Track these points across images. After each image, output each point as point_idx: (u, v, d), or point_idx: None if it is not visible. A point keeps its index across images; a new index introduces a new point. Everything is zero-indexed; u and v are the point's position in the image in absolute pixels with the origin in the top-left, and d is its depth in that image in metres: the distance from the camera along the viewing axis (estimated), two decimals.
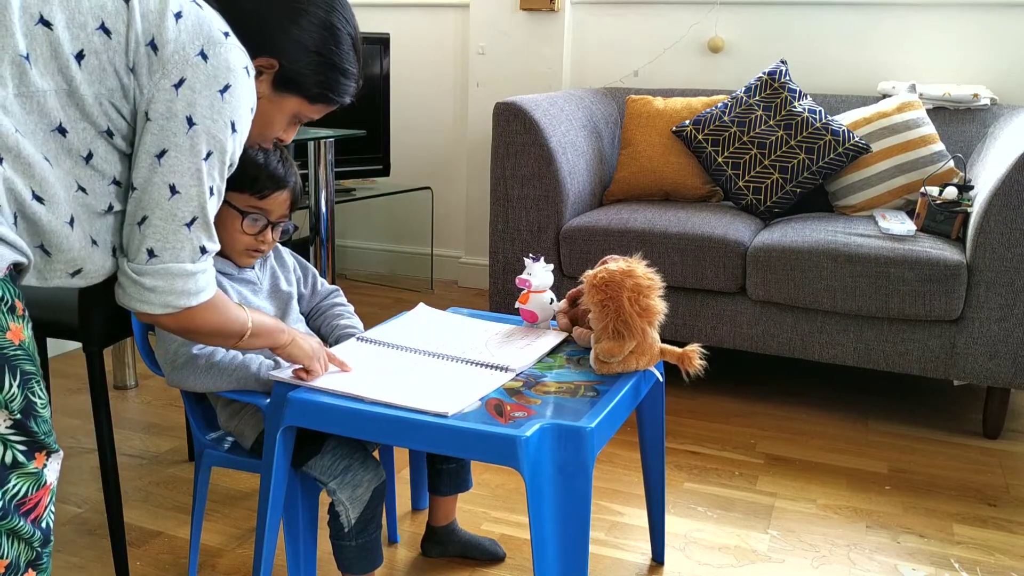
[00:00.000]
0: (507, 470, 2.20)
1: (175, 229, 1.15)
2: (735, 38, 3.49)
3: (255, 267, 1.66)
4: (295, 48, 1.27)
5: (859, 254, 2.48)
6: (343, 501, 1.52)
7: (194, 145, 1.14)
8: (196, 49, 1.13)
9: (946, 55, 3.23)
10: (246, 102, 1.19)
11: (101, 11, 1.10)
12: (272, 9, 1.27)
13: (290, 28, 1.27)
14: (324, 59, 1.30)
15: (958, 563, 1.90)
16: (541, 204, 2.86)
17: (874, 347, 2.53)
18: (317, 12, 1.28)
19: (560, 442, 1.33)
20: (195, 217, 1.17)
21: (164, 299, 1.17)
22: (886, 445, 2.46)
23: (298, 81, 1.30)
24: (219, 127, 1.15)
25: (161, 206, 1.14)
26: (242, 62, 1.19)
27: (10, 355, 1.03)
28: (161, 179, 1.14)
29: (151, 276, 1.16)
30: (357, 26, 1.36)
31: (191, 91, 1.13)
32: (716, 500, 2.15)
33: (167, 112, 1.13)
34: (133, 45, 1.11)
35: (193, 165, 1.15)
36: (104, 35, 1.09)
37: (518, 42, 3.73)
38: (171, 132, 1.13)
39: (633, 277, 1.52)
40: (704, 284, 2.66)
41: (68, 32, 1.08)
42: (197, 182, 1.15)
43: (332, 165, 2.79)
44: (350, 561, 1.56)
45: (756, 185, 2.94)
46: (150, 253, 1.15)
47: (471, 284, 4.02)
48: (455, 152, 4.04)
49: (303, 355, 1.44)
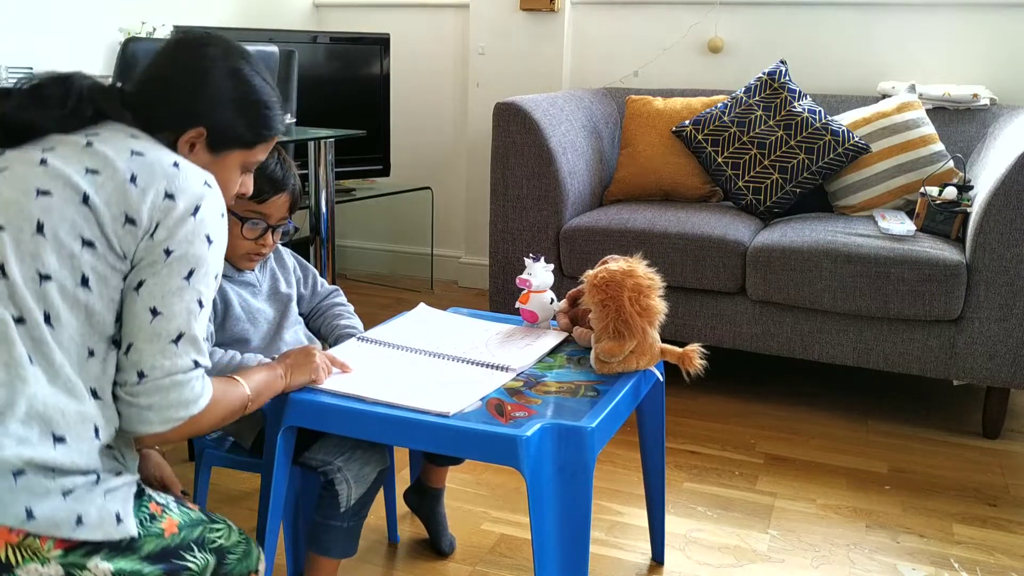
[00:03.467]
0: (507, 470, 2.20)
1: (161, 348, 1.15)
2: (735, 38, 3.49)
3: (255, 269, 1.66)
4: (212, 108, 1.27)
5: (859, 254, 2.48)
6: (348, 479, 1.52)
7: (172, 271, 1.16)
8: (162, 195, 1.16)
9: (946, 55, 3.23)
10: (216, 211, 1.21)
11: (75, 228, 1.12)
12: (175, 84, 1.27)
13: (199, 93, 1.27)
14: (243, 104, 1.30)
15: (958, 563, 1.90)
16: (541, 204, 2.86)
17: (874, 347, 2.53)
18: (216, 65, 1.28)
19: (560, 442, 1.33)
20: (181, 333, 1.16)
21: (163, 415, 1.16)
22: (886, 445, 2.46)
23: (230, 136, 1.30)
24: (195, 247, 1.17)
25: (144, 329, 1.14)
26: (200, 178, 1.20)
27: (178, 543, 1.17)
28: (142, 305, 1.15)
29: (145, 395, 1.15)
30: (255, 58, 1.36)
31: (165, 230, 1.15)
32: (716, 500, 2.15)
33: (145, 254, 1.15)
34: (115, 237, 1.13)
35: (173, 286, 1.16)
36: (90, 248, 1.12)
37: (518, 42, 3.73)
38: (148, 265, 1.15)
39: (633, 277, 1.52)
40: (704, 284, 2.66)
41: (65, 270, 1.11)
42: (179, 299, 1.16)
43: (332, 165, 2.79)
44: (332, 542, 1.56)
45: (756, 185, 2.94)
46: (140, 375, 1.14)
47: (471, 284, 4.02)
48: (455, 152, 4.04)
49: (305, 379, 1.45)
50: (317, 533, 1.56)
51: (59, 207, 1.11)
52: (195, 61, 1.28)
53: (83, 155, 1.16)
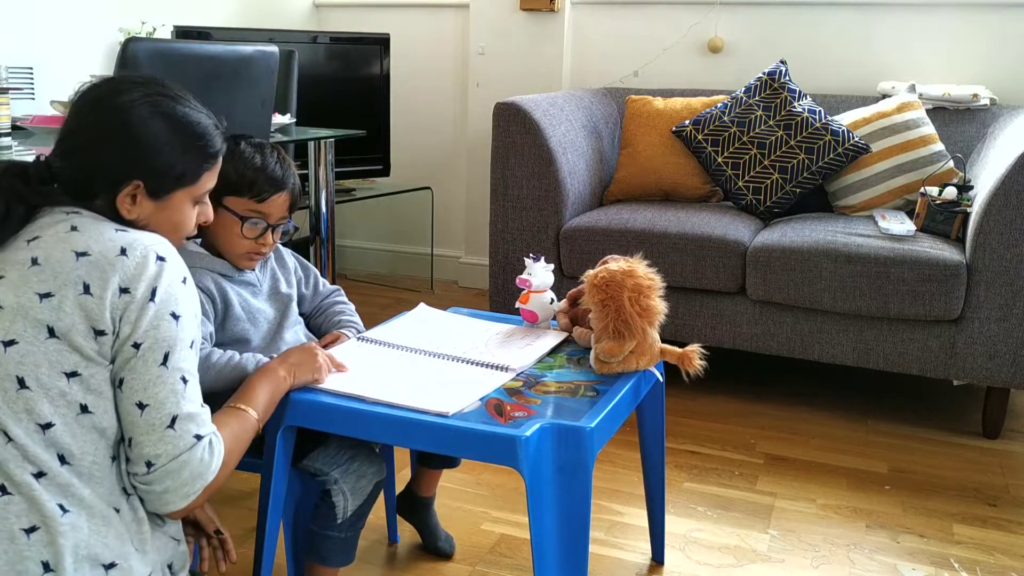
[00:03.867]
0: (507, 470, 2.20)
1: (159, 437, 1.14)
2: (735, 38, 3.49)
3: (255, 269, 1.66)
4: (143, 157, 1.21)
5: (859, 254, 2.48)
6: (344, 491, 1.52)
7: (146, 362, 1.14)
8: (117, 293, 1.12)
9: (946, 55, 3.23)
10: (174, 283, 1.17)
11: (53, 366, 1.11)
12: (102, 147, 1.21)
13: (129, 148, 1.20)
14: (175, 142, 1.23)
15: (958, 563, 1.90)
16: (541, 204, 2.86)
17: (874, 347, 2.53)
18: (136, 112, 1.21)
19: (560, 442, 1.33)
20: (174, 416, 1.15)
21: (181, 492, 1.17)
22: (886, 445, 2.46)
23: (168, 179, 1.24)
24: (162, 330, 1.15)
25: (137, 424, 1.14)
26: (151, 255, 1.16)
27: None
28: (128, 402, 1.14)
29: (158, 482, 1.15)
30: (169, 83, 1.28)
31: (128, 325, 1.13)
32: (716, 500, 2.15)
33: (117, 353, 1.14)
34: (92, 352, 1.12)
35: (151, 376, 1.14)
36: (76, 377, 1.12)
37: (518, 42, 3.73)
38: (123, 363, 1.14)
39: (633, 277, 1.52)
40: (704, 284, 2.66)
41: (62, 409, 1.11)
42: (162, 386, 1.15)
43: (332, 165, 2.79)
44: (330, 552, 1.56)
45: (756, 185, 2.94)
46: (148, 465, 1.15)
47: (471, 284, 4.02)
48: (455, 152, 4.04)
49: (309, 378, 1.45)
50: (314, 543, 1.57)
51: (30, 352, 1.10)
52: (115, 115, 1.21)
53: (31, 277, 1.12)
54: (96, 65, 3.08)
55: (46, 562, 1.07)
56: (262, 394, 1.37)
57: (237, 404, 1.33)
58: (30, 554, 1.07)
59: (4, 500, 1.08)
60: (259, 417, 1.34)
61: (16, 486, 1.09)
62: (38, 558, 1.07)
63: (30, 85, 2.84)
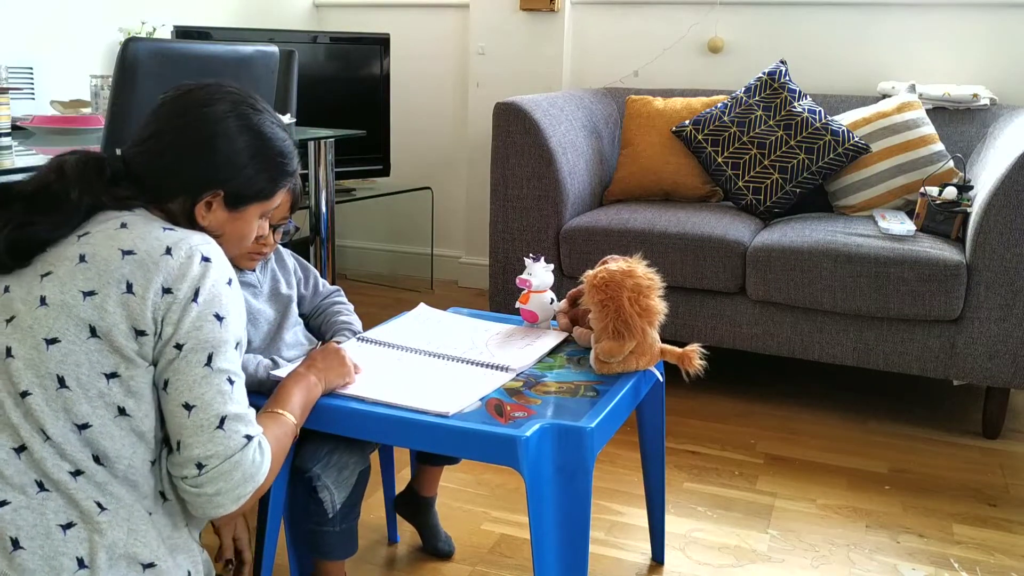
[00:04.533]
0: (507, 470, 2.20)
1: (208, 438, 1.13)
2: (735, 38, 3.49)
3: (256, 270, 1.66)
4: (229, 170, 1.24)
5: (859, 254, 2.48)
6: (328, 486, 1.52)
7: (189, 363, 1.13)
8: (160, 292, 1.13)
9: (946, 55, 3.23)
10: (219, 284, 1.17)
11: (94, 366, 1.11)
12: (186, 153, 1.23)
13: (214, 158, 1.23)
14: (259, 159, 1.27)
15: (958, 563, 1.90)
16: (541, 204, 2.86)
17: (874, 347, 2.53)
18: (227, 125, 1.24)
19: (560, 442, 1.33)
20: (223, 417, 1.14)
21: (233, 495, 1.15)
22: (886, 445, 2.46)
23: (248, 192, 1.27)
24: (205, 331, 1.14)
25: (185, 427, 1.13)
26: (196, 255, 1.16)
27: None
28: (175, 404, 1.13)
29: (210, 483, 1.14)
30: (258, 98, 1.31)
31: (170, 326, 1.13)
32: (716, 500, 2.15)
33: (160, 355, 1.14)
34: (132, 353, 1.12)
35: (196, 376, 1.14)
36: (115, 379, 1.12)
37: (518, 42, 3.73)
38: (166, 364, 1.13)
39: (633, 277, 1.52)
40: (704, 284, 2.66)
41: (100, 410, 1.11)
42: (208, 387, 1.14)
43: (332, 165, 2.79)
44: (331, 547, 1.56)
45: (756, 185, 2.94)
46: (199, 466, 1.13)
47: (471, 284, 4.02)
48: (455, 152, 4.04)
49: (340, 382, 1.44)
50: (314, 539, 1.57)
51: (71, 352, 1.10)
52: (204, 124, 1.23)
53: (77, 274, 1.13)
54: (96, 65, 3.08)
55: (80, 558, 1.07)
56: (296, 401, 1.35)
57: (275, 409, 1.32)
58: (65, 550, 1.07)
59: (41, 496, 1.08)
60: (296, 422, 1.33)
61: (54, 483, 1.09)
62: (73, 554, 1.07)
63: (30, 85, 2.84)
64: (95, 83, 2.59)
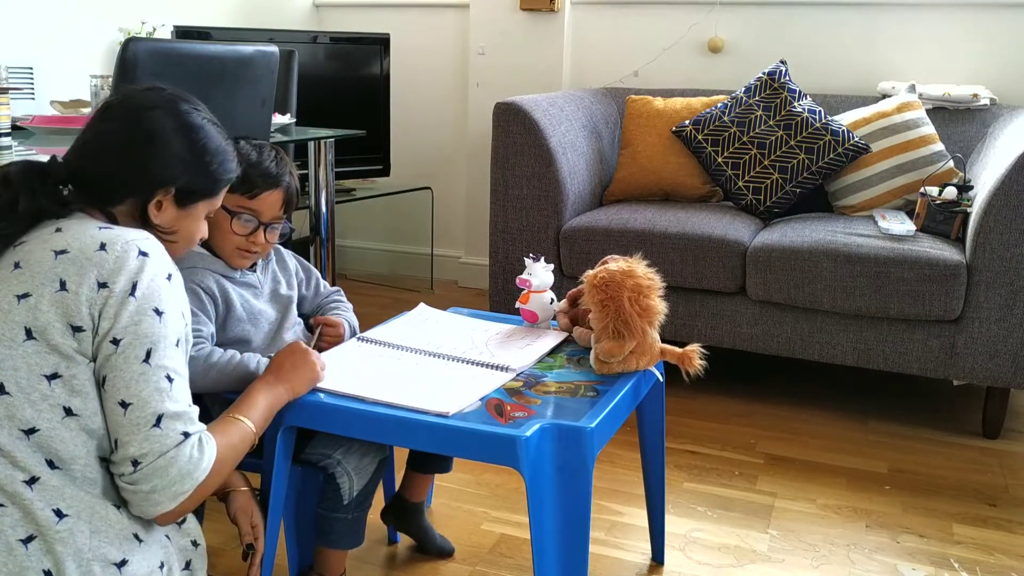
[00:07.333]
0: (507, 470, 2.20)
1: (144, 436, 1.12)
2: (735, 38, 3.49)
3: (256, 270, 1.66)
4: (172, 168, 1.25)
5: (859, 254, 2.48)
6: (348, 471, 1.52)
7: (127, 358, 1.12)
8: (95, 287, 1.12)
9: (946, 55, 3.23)
10: (158, 278, 1.16)
11: (32, 369, 1.10)
12: (130, 157, 1.24)
13: (156, 156, 1.24)
14: (202, 158, 1.28)
15: (958, 563, 1.90)
16: (541, 204, 2.86)
17: (874, 347, 2.53)
18: (167, 127, 1.25)
19: (560, 442, 1.33)
20: (160, 414, 1.13)
21: (170, 492, 1.14)
22: (886, 445, 2.46)
23: (194, 189, 1.28)
24: (144, 326, 1.13)
25: (122, 424, 1.12)
26: (132, 249, 1.15)
27: None
28: (112, 402, 1.12)
29: (145, 480, 1.12)
30: (196, 101, 1.32)
31: (107, 320, 1.12)
32: (716, 500, 2.15)
33: (98, 351, 1.13)
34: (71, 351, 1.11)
35: (134, 373, 1.12)
36: (57, 379, 1.11)
37: (518, 42, 3.73)
38: (104, 361, 1.12)
39: (633, 277, 1.52)
40: (704, 284, 2.66)
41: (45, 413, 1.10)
42: (145, 384, 1.12)
43: (332, 165, 2.79)
44: (339, 535, 1.56)
45: (756, 185, 2.94)
46: (134, 463, 1.12)
47: (471, 284, 4.02)
48: (455, 152, 4.04)
49: (307, 386, 1.43)
50: (323, 527, 1.57)
51: (7, 356, 1.09)
52: (145, 128, 1.24)
53: (12, 280, 1.12)
54: (96, 65, 3.08)
55: (47, 570, 1.06)
56: (259, 407, 1.35)
57: (235, 415, 1.32)
58: (29, 564, 1.06)
59: None
60: (255, 430, 1.32)
61: (8, 496, 1.07)
62: (39, 567, 1.06)
63: (30, 85, 2.84)
64: (95, 83, 2.59)
